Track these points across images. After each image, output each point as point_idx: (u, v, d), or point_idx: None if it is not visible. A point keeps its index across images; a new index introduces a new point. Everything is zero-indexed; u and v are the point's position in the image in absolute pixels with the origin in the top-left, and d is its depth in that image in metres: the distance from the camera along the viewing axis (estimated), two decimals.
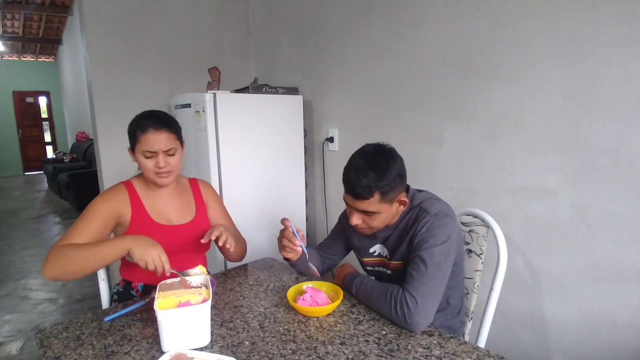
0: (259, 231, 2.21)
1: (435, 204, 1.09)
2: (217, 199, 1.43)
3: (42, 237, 4.59)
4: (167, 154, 1.19)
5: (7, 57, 9.29)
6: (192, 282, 1.04)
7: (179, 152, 1.23)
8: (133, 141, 1.19)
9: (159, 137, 1.16)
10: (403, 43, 1.83)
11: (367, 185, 1.02)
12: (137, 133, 1.17)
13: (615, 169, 1.23)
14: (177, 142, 1.22)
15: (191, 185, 1.39)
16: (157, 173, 1.19)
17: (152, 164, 1.18)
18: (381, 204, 1.05)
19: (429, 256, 1.00)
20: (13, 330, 2.47)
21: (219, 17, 2.74)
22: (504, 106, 1.48)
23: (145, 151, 1.17)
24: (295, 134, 2.33)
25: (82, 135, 7.30)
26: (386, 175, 1.02)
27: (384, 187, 1.03)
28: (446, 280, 1.03)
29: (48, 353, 0.90)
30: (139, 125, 1.18)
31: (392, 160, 1.05)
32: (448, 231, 1.03)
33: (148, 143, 1.16)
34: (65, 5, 6.77)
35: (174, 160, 1.21)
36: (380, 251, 1.20)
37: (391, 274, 1.17)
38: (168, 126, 1.19)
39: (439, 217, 1.05)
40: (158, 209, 1.26)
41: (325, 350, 0.88)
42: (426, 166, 1.79)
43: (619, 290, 1.26)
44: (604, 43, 1.22)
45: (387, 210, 1.07)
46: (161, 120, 1.19)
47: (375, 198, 1.04)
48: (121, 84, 2.38)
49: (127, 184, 1.27)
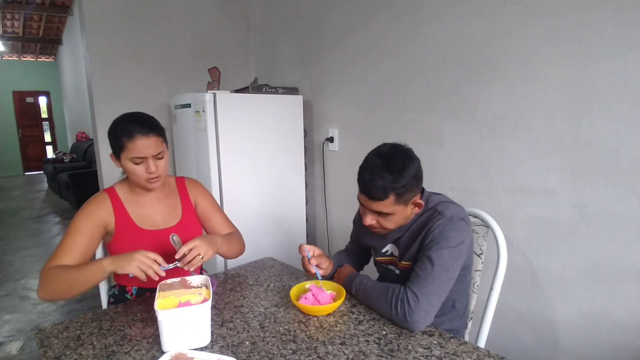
0: (259, 231, 2.21)
1: (451, 207, 1.07)
2: (205, 195, 1.38)
3: (42, 237, 4.59)
4: (156, 157, 1.15)
5: (7, 57, 9.28)
6: (192, 282, 1.04)
7: (167, 154, 1.20)
8: (118, 148, 1.14)
9: (147, 142, 1.12)
10: (403, 43, 1.83)
11: (382, 187, 1.00)
12: (122, 140, 1.12)
13: (615, 169, 1.23)
14: (164, 144, 1.19)
15: (178, 186, 1.35)
16: (149, 179, 1.16)
17: (142, 169, 1.14)
18: (396, 206, 1.03)
19: (437, 256, 0.99)
20: (13, 330, 2.46)
21: (219, 17, 2.74)
22: (504, 106, 1.49)
23: (135, 157, 1.12)
24: (295, 134, 2.33)
25: (82, 135, 7.30)
26: (402, 177, 1.00)
27: (400, 189, 1.01)
28: (452, 283, 1.01)
29: (48, 353, 0.90)
30: (124, 130, 1.12)
31: (408, 162, 1.03)
32: (461, 235, 1.02)
33: (137, 149, 1.11)
34: (65, 5, 6.76)
35: (162, 164, 1.18)
36: (391, 250, 1.20)
37: (399, 274, 1.16)
38: (155, 129, 1.15)
39: (454, 221, 1.03)
40: (142, 215, 1.23)
41: (325, 350, 0.88)
42: (426, 166, 1.76)
43: (619, 290, 1.26)
44: (604, 43, 1.22)
45: (401, 212, 1.06)
46: (147, 123, 1.15)
47: (390, 200, 1.02)
48: (121, 84, 2.38)
49: (110, 191, 1.23)
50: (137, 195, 1.25)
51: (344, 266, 1.26)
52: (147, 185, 1.18)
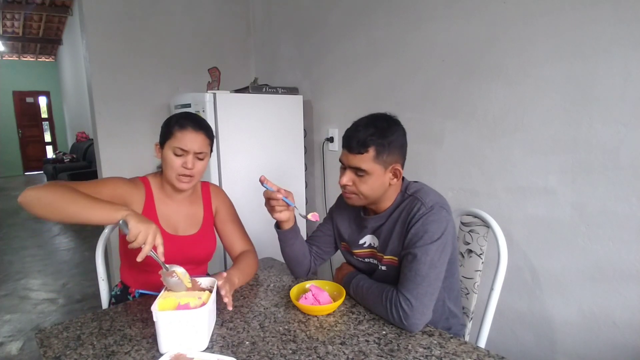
0: (259, 231, 2.21)
1: (431, 195, 1.05)
2: (225, 203, 1.38)
3: (42, 237, 4.59)
4: (197, 156, 1.17)
5: (7, 57, 9.29)
6: (202, 283, 1.04)
7: (207, 159, 1.22)
8: (166, 136, 1.17)
9: (196, 137, 1.16)
10: (403, 43, 1.83)
11: (363, 139, 1.01)
12: (173, 129, 1.15)
13: (615, 169, 1.23)
14: (209, 147, 1.22)
15: (202, 191, 1.34)
16: (181, 174, 1.16)
17: (179, 162, 1.15)
18: (374, 164, 1.02)
19: (423, 254, 0.97)
20: (13, 330, 2.46)
21: (219, 17, 2.74)
22: (504, 106, 1.49)
23: (178, 148, 1.14)
24: (295, 134, 2.33)
25: (82, 135, 7.30)
26: (385, 135, 1.01)
27: (380, 145, 1.01)
28: (441, 278, 1.00)
29: (48, 353, 0.90)
30: (178, 122, 1.16)
31: (394, 125, 1.04)
32: (443, 225, 0.99)
33: (183, 141, 1.14)
34: (65, 5, 6.77)
35: (200, 165, 1.19)
36: (370, 242, 1.16)
37: (386, 271, 1.11)
38: (206, 130, 1.20)
39: (434, 211, 1.01)
40: (166, 216, 1.23)
41: (325, 350, 0.88)
42: (426, 166, 1.79)
43: (619, 290, 1.26)
44: (604, 43, 1.22)
45: (378, 174, 1.04)
46: (201, 123, 1.19)
47: (370, 154, 1.01)
48: (121, 84, 2.38)
49: (144, 181, 1.23)
50: (166, 195, 1.24)
51: (342, 265, 1.26)
52: (176, 182, 1.18)
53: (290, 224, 1.21)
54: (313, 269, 1.29)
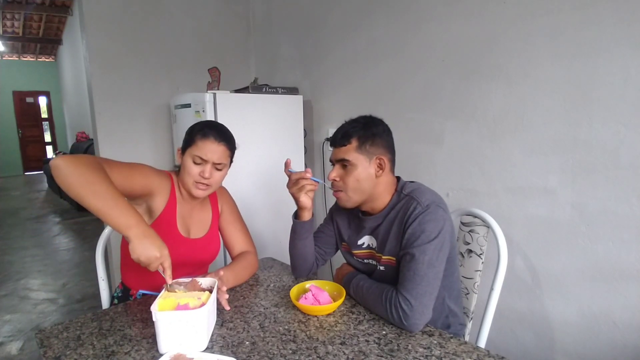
0: (259, 231, 2.21)
1: (427, 194, 1.05)
2: (229, 203, 1.39)
3: (42, 237, 4.59)
4: (215, 166, 1.18)
5: (7, 57, 9.30)
6: (202, 283, 1.03)
7: (225, 170, 1.23)
8: (188, 143, 1.18)
9: (216, 148, 1.16)
10: (403, 43, 1.83)
11: (346, 130, 1.07)
12: (196, 136, 1.16)
13: (615, 169, 1.23)
14: (228, 159, 1.23)
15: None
16: (198, 182, 1.17)
17: (197, 170, 1.16)
18: (358, 154, 1.06)
19: (421, 253, 0.97)
20: (13, 330, 2.46)
21: (219, 17, 2.74)
22: (504, 106, 1.49)
23: (197, 156, 1.15)
24: (295, 134, 2.33)
25: (82, 135, 7.29)
26: (368, 127, 1.07)
27: (363, 136, 1.06)
28: (440, 277, 1.00)
29: (48, 353, 0.90)
30: (201, 130, 1.17)
31: (378, 122, 1.11)
32: (440, 223, 0.99)
33: (203, 150, 1.15)
34: (65, 5, 6.77)
35: (218, 176, 1.20)
36: (369, 242, 1.16)
37: (384, 271, 1.11)
38: (228, 141, 1.20)
39: (430, 210, 1.01)
40: (183, 217, 1.24)
41: (325, 350, 0.88)
42: (426, 166, 1.79)
43: (619, 290, 1.26)
44: (604, 43, 1.22)
45: (363, 165, 1.06)
46: (224, 134, 1.20)
47: (353, 145, 1.06)
48: (121, 84, 2.38)
49: (171, 177, 1.23)
50: (183, 196, 1.25)
51: (342, 266, 1.26)
52: (192, 189, 1.18)
53: (309, 215, 1.22)
54: (314, 269, 1.29)
